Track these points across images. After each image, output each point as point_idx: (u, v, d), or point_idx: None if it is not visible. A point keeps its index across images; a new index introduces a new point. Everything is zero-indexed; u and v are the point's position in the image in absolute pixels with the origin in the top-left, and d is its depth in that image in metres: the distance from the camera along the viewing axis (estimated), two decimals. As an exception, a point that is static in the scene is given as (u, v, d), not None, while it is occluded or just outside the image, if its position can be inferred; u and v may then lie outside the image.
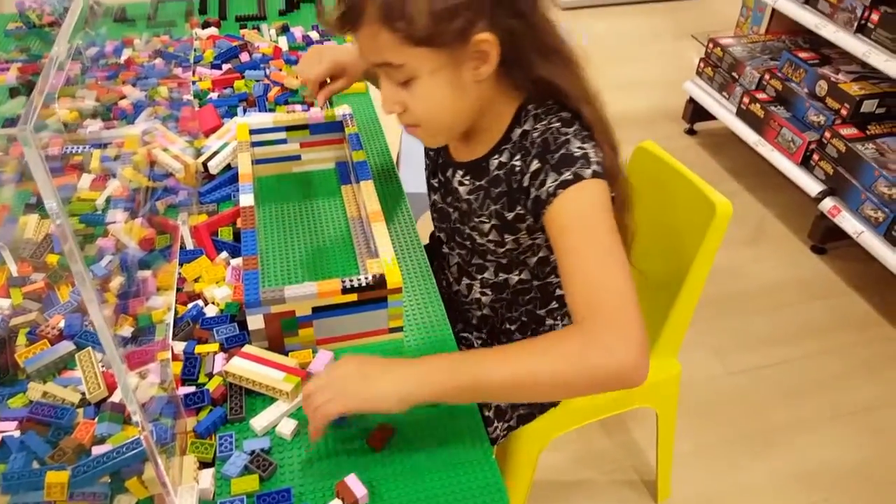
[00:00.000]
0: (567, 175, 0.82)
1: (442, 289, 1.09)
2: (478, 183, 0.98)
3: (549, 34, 0.87)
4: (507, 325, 1.10)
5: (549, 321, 1.10)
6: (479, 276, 1.07)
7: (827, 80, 2.24)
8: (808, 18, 2.25)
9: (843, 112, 2.19)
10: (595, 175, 0.82)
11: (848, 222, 2.09)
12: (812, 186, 2.22)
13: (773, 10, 2.73)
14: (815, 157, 2.22)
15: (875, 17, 2.03)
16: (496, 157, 0.94)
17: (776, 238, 2.36)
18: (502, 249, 1.00)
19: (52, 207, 0.53)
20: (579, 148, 0.84)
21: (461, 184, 1.01)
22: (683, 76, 2.85)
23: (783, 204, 2.48)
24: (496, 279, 1.06)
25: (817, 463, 1.66)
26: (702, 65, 2.73)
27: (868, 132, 2.15)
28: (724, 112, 2.60)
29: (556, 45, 0.88)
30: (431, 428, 0.83)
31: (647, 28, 3.70)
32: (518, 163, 0.90)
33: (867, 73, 2.27)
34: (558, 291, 1.07)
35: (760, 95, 2.44)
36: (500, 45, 0.83)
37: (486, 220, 0.99)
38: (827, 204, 2.16)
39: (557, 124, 0.87)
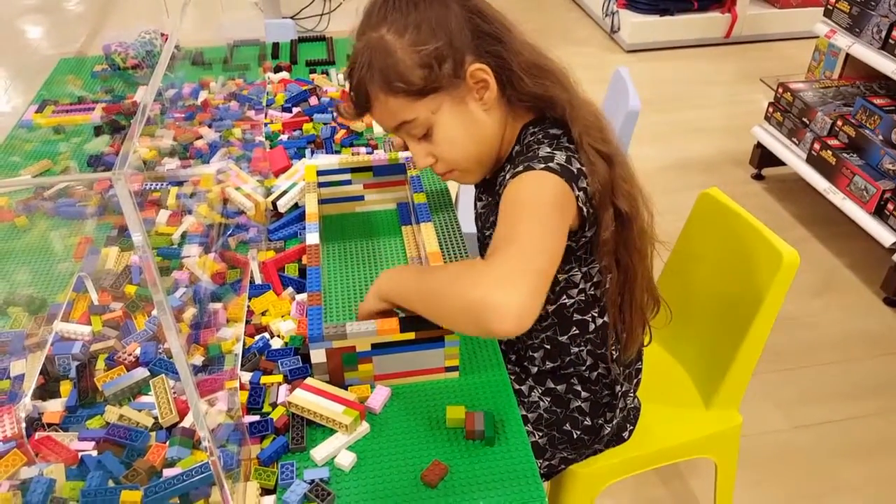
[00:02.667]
0: (519, 168, 0.88)
1: None
2: (488, 199, 1.06)
3: (530, 52, 0.95)
4: (531, 353, 1.09)
5: (574, 349, 1.06)
6: None
7: (903, 128, 2.19)
8: (885, 64, 2.21)
9: (920, 160, 2.12)
10: (548, 170, 0.87)
11: (924, 274, 2.01)
12: (886, 236, 2.14)
13: (847, 55, 2.68)
14: (890, 206, 2.15)
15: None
16: (501, 173, 1.01)
17: (846, 289, 2.28)
18: None
19: (138, 240, 0.56)
20: (547, 152, 0.90)
21: (479, 199, 1.10)
22: (751, 121, 2.81)
23: (855, 253, 2.40)
24: None
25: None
26: (771, 109, 2.69)
27: (946, 181, 2.08)
28: (793, 158, 2.55)
29: (538, 60, 0.95)
30: (486, 467, 0.84)
31: (714, 71, 3.68)
32: (505, 175, 0.96)
33: (945, 120, 2.21)
34: (576, 316, 1.04)
35: (832, 142, 2.39)
36: (493, 71, 0.92)
37: (490, 235, 1.03)
38: (902, 255, 2.09)
39: (541, 135, 0.94)
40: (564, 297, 1.03)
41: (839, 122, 2.39)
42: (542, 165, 0.87)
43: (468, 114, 0.94)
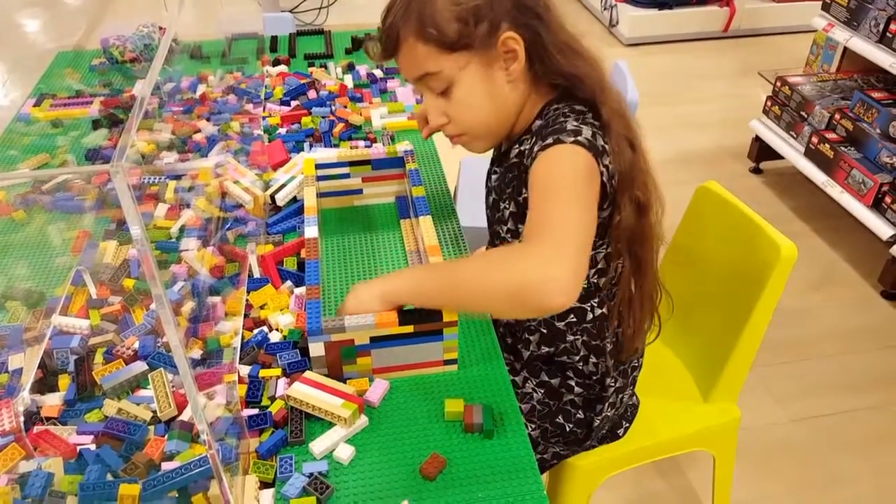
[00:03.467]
0: (548, 140, 0.88)
1: None
2: (502, 171, 1.06)
3: (564, 33, 0.95)
4: (527, 336, 1.09)
5: (570, 336, 1.06)
6: None
7: (900, 121, 2.19)
8: (883, 58, 2.21)
9: (917, 153, 2.12)
10: (577, 143, 0.86)
11: (922, 267, 2.01)
12: (883, 230, 2.15)
13: (845, 49, 2.67)
14: (888, 199, 2.15)
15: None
16: (517, 146, 1.01)
17: (844, 282, 2.29)
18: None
19: (136, 234, 0.56)
20: (575, 125, 0.89)
21: (494, 173, 1.09)
22: (749, 114, 2.81)
23: (852, 247, 2.40)
24: None
25: (886, 518, 1.59)
26: (769, 103, 2.69)
27: (944, 175, 2.09)
28: (791, 152, 2.55)
29: (571, 42, 0.95)
30: (484, 460, 0.84)
31: (712, 65, 3.68)
32: (527, 147, 0.96)
33: (943, 113, 2.20)
34: (576, 303, 1.03)
35: (830, 135, 2.39)
36: (525, 44, 0.92)
37: (506, 207, 1.03)
38: (899, 248, 2.09)
39: (566, 110, 0.94)
40: None
41: (837, 116, 2.39)
42: (572, 139, 0.87)
43: (491, 81, 0.95)
